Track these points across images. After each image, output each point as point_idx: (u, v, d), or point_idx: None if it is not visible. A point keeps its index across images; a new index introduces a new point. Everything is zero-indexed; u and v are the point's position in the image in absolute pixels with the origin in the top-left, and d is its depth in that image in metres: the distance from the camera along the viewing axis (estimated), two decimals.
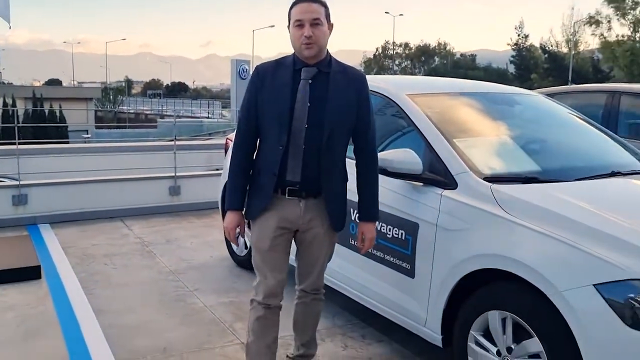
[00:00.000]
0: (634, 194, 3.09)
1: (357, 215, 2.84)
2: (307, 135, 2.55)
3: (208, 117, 39.38)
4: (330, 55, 2.65)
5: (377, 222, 3.00)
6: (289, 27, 2.62)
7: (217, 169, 9.59)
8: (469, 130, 3.46)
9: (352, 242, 3.43)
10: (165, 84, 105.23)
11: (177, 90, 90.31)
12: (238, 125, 2.68)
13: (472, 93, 3.83)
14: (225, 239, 5.27)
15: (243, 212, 2.76)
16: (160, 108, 54.60)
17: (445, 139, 3.11)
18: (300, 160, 2.57)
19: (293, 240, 2.81)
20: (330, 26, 2.63)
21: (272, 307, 2.78)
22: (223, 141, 13.77)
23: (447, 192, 2.95)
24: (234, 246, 5.13)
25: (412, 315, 3.11)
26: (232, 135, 5.33)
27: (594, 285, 2.27)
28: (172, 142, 9.51)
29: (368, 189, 2.78)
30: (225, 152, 5.35)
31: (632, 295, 2.21)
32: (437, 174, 3.03)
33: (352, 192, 2.80)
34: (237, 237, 2.78)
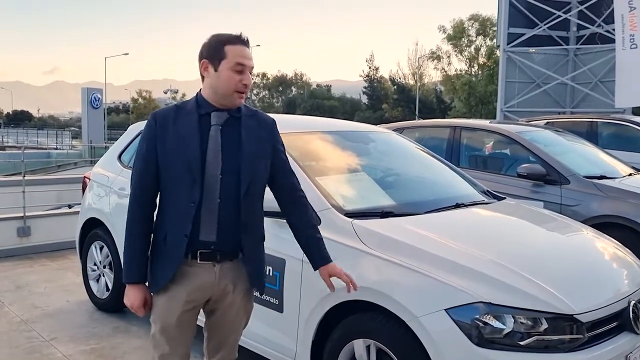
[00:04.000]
0: (475, 223, 3.46)
1: (317, 264, 2.48)
2: (223, 186, 2.22)
3: (57, 149, 37.01)
4: None
5: None
6: (216, 63, 2.23)
7: (70, 206, 9.06)
8: (330, 168, 3.68)
9: None
10: (5, 112, 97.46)
11: (20, 119, 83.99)
12: (134, 182, 2.31)
13: (331, 132, 4.05)
14: (85, 282, 5.03)
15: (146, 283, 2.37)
16: (1, 138, 50.29)
17: (307, 177, 3.26)
18: (216, 216, 2.23)
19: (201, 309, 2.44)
20: None
21: None
22: (75, 174, 12.95)
23: None
24: (94, 288, 4.91)
25: (282, 349, 3.19)
26: (90, 173, 5.16)
27: (445, 309, 2.52)
28: (17, 177, 8.85)
29: (317, 238, 2.48)
30: (83, 190, 5.14)
31: (476, 316, 2.48)
32: None
33: None
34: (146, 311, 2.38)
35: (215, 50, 2.24)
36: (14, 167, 15.63)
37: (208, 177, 2.21)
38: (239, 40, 2.25)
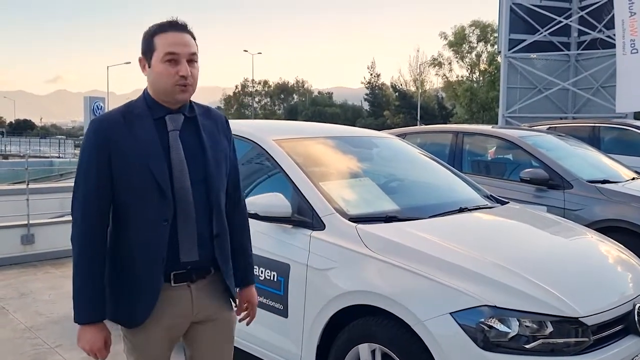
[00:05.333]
0: (479, 227, 3.47)
1: (246, 282, 2.32)
2: (195, 198, 2.01)
3: (59, 157, 37.16)
4: None
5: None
6: (148, 57, 2.00)
7: None
8: (333, 173, 3.68)
9: None
10: (8, 122, 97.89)
11: (23, 127, 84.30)
12: (84, 198, 1.95)
13: (334, 137, 4.07)
14: None
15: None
16: (3, 147, 50.53)
17: (311, 182, 3.27)
18: (195, 231, 2.01)
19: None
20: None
21: None
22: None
23: (315, 233, 3.10)
24: None
25: (287, 354, 3.19)
26: None
27: (450, 313, 2.52)
28: (21, 186, 8.88)
29: (247, 248, 2.30)
30: None
31: (482, 320, 2.48)
32: (305, 216, 3.18)
33: None
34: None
35: (146, 44, 2.00)
36: (18, 176, 15.69)
37: (178, 191, 1.98)
38: (170, 27, 1.98)
